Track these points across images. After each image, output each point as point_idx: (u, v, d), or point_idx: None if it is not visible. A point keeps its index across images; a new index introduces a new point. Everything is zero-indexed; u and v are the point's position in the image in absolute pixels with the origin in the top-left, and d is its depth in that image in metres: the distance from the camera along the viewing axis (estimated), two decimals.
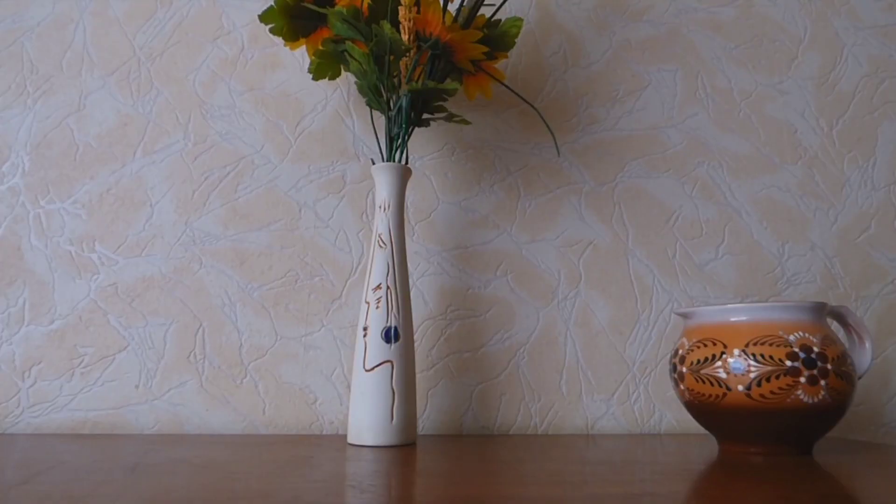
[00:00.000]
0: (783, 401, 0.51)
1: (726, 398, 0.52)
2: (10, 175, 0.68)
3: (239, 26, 0.73)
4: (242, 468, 0.45)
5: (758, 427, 0.52)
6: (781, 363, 0.51)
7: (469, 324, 0.71)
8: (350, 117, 0.73)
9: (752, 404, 0.51)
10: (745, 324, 0.53)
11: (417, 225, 0.72)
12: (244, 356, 0.67)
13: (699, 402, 0.54)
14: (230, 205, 0.70)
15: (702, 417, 0.55)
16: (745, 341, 0.52)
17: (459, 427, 0.69)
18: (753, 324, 0.53)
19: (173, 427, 0.65)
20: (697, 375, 0.53)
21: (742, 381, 0.51)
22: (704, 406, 0.53)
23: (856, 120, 0.80)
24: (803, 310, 0.53)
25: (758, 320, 0.53)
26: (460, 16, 0.63)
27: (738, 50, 0.80)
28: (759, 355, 0.51)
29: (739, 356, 0.52)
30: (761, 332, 0.52)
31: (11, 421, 0.64)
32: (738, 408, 0.52)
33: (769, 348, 0.51)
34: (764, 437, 0.53)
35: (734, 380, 0.51)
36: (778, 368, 0.51)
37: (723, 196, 0.77)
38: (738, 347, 0.52)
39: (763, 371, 0.51)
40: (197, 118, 0.71)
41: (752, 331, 0.52)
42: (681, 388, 0.55)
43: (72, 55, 0.71)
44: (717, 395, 0.52)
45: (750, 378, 0.51)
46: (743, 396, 0.51)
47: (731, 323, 0.53)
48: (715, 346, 0.53)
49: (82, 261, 0.67)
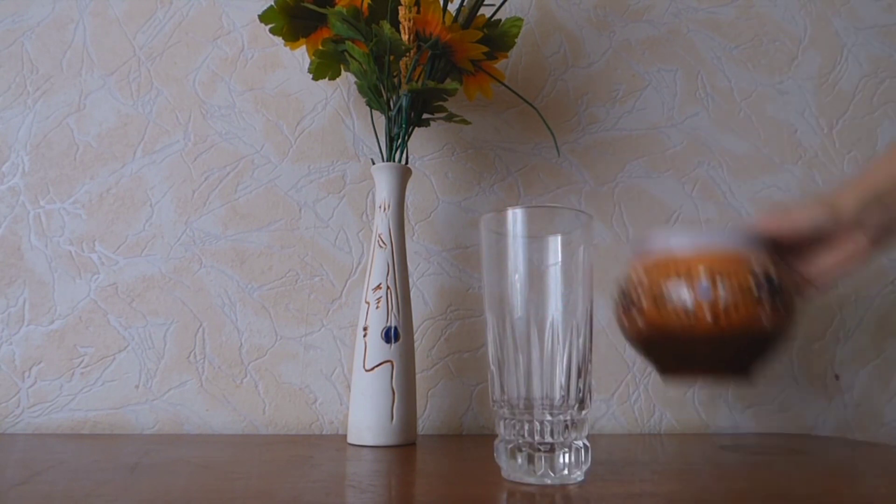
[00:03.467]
0: (748, 326, 0.50)
1: (693, 327, 0.50)
2: (10, 175, 0.68)
3: (239, 26, 0.73)
4: (242, 468, 0.45)
5: (720, 354, 0.52)
6: (748, 288, 0.50)
7: (469, 324, 0.71)
8: (350, 117, 0.73)
9: (717, 331, 0.49)
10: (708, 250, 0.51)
11: (417, 225, 0.72)
12: (244, 356, 0.67)
13: (660, 333, 0.51)
14: (230, 205, 0.70)
15: (657, 350, 0.52)
16: (712, 267, 0.50)
17: (459, 427, 0.69)
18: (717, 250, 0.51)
19: (173, 427, 0.65)
20: (662, 306, 0.50)
21: (712, 307, 0.50)
22: (665, 338, 0.51)
23: (856, 120, 0.80)
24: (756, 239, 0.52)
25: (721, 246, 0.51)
26: (460, 16, 0.63)
27: (738, 50, 0.80)
28: (727, 280, 0.51)
29: (709, 282, 0.51)
30: (726, 257, 0.51)
31: (11, 421, 0.64)
32: (705, 336, 0.50)
33: (736, 274, 0.51)
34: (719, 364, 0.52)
35: (703, 307, 0.50)
36: (744, 294, 0.50)
37: (723, 196, 0.77)
38: (707, 274, 0.50)
39: (731, 297, 0.49)
40: (197, 118, 0.71)
41: (717, 256, 0.51)
42: (636, 322, 0.52)
43: (72, 55, 0.71)
44: (683, 325, 0.50)
45: (719, 305, 0.49)
46: (711, 325, 0.49)
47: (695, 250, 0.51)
48: (682, 272, 0.50)
49: (82, 261, 0.67)
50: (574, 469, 0.39)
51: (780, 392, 0.74)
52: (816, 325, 0.76)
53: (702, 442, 0.64)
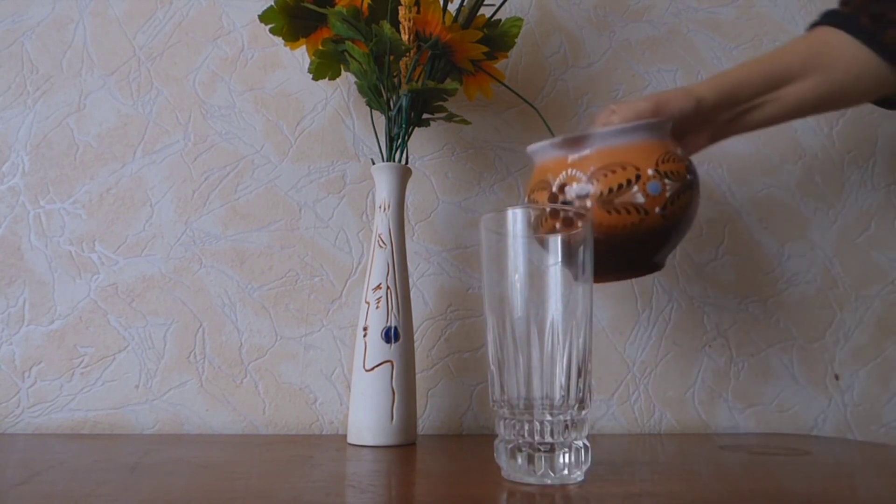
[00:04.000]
0: (685, 216, 0.50)
1: (643, 223, 0.49)
2: (10, 175, 0.68)
3: (239, 26, 0.73)
4: (242, 468, 0.45)
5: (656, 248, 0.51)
6: (684, 178, 0.50)
7: (469, 324, 0.71)
8: (350, 117, 0.73)
9: (665, 225, 0.49)
10: (647, 143, 0.50)
11: (417, 225, 0.72)
12: (244, 356, 0.67)
13: (608, 235, 0.49)
14: (230, 205, 0.70)
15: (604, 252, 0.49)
16: (654, 161, 0.49)
17: (459, 427, 0.69)
18: (654, 142, 0.50)
19: (173, 427, 0.65)
20: (610, 206, 0.49)
21: (659, 201, 0.49)
22: (614, 239, 0.49)
23: (856, 120, 0.80)
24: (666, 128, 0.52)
25: (654, 139, 0.50)
26: (460, 16, 0.63)
27: (738, 50, 0.80)
28: (669, 172, 0.49)
29: (654, 177, 0.49)
30: (662, 149, 0.50)
31: (11, 421, 0.64)
32: (653, 231, 0.49)
33: (673, 164, 0.49)
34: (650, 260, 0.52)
35: (652, 202, 0.49)
36: (683, 183, 0.50)
37: (723, 196, 0.77)
38: (651, 168, 0.49)
39: (675, 189, 0.49)
40: (197, 118, 0.71)
41: (655, 149, 0.50)
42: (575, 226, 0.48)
43: (72, 55, 0.71)
44: (633, 222, 0.49)
45: (666, 198, 0.49)
46: (660, 218, 0.49)
47: (636, 143, 0.50)
48: (626, 170, 0.49)
49: (82, 261, 0.67)
50: (574, 469, 0.39)
51: (780, 392, 0.74)
52: (816, 325, 0.76)
53: (702, 442, 0.64)
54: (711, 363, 0.73)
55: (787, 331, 0.75)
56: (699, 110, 0.53)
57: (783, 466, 0.49)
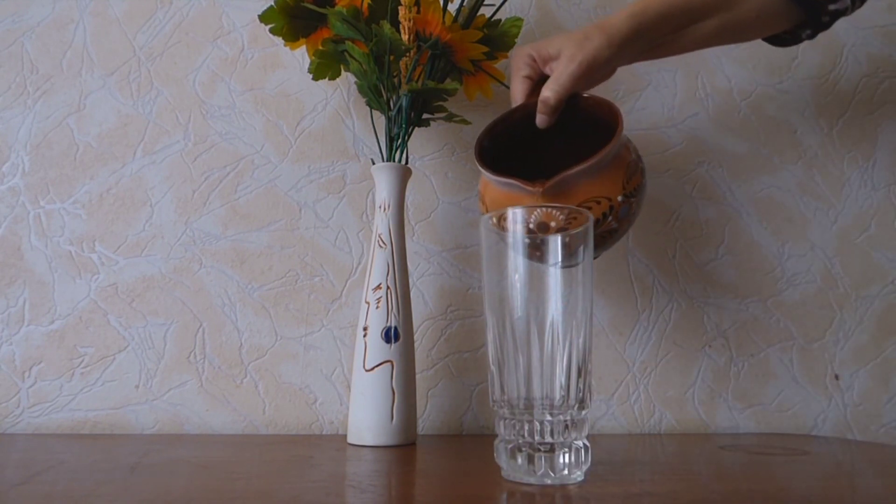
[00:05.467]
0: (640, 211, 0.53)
1: (611, 239, 0.52)
2: (10, 175, 0.68)
3: (239, 26, 0.73)
4: (242, 468, 0.45)
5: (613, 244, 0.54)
6: (642, 182, 0.52)
7: (469, 324, 0.71)
8: (350, 117, 0.73)
9: (625, 229, 0.52)
10: (612, 167, 0.50)
11: (417, 225, 0.72)
12: (244, 356, 0.67)
13: None
14: (230, 205, 0.70)
15: None
16: (621, 185, 0.50)
17: (459, 427, 0.69)
18: (617, 164, 0.51)
19: (173, 427, 0.65)
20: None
21: (627, 220, 0.52)
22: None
23: (856, 120, 0.80)
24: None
25: (617, 162, 0.51)
26: (460, 16, 0.63)
27: (738, 50, 0.80)
28: (634, 189, 0.51)
29: (623, 202, 0.50)
30: (623, 166, 0.51)
31: (11, 421, 0.64)
32: (615, 238, 0.52)
33: (635, 178, 0.51)
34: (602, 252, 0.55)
35: (622, 223, 0.51)
36: (643, 188, 0.52)
37: (723, 196, 0.77)
38: (620, 194, 0.50)
39: (639, 200, 0.52)
40: (197, 118, 0.71)
41: (619, 170, 0.50)
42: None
43: (72, 55, 0.71)
44: (603, 241, 0.52)
45: (632, 213, 0.52)
46: (625, 228, 0.52)
47: (604, 173, 0.50)
48: (600, 204, 0.50)
49: (82, 261, 0.67)
50: (574, 469, 0.39)
51: (780, 392, 0.74)
52: (816, 325, 0.76)
53: (702, 442, 0.64)
54: (711, 363, 0.73)
55: (787, 331, 0.75)
56: (620, 52, 0.54)
57: (783, 466, 0.49)
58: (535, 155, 0.59)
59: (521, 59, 0.57)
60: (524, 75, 0.57)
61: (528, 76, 0.57)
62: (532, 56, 0.56)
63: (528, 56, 0.56)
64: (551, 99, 0.53)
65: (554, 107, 0.54)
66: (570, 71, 0.53)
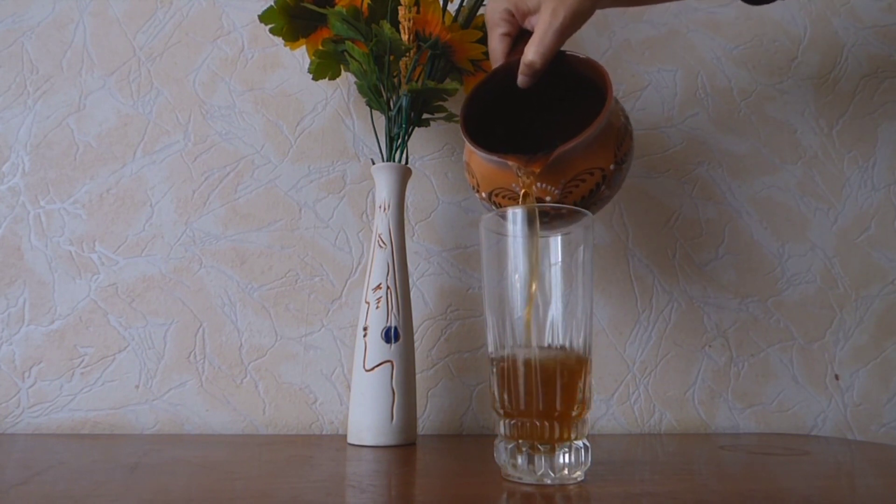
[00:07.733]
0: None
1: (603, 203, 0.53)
2: (10, 175, 0.68)
3: (239, 26, 0.73)
4: (242, 468, 0.45)
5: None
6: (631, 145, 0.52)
7: (469, 324, 0.71)
8: (350, 117, 0.73)
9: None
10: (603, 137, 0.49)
11: (417, 225, 0.72)
12: (244, 356, 0.67)
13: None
14: (230, 205, 0.70)
15: None
16: (612, 153, 0.50)
17: (459, 427, 0.69)
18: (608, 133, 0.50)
19: (173, 427, 0.65)
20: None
21: (619, 185, 0.51)
22: None
23: (856, 120, 0.80)
24: None
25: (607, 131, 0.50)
26: (460, 16, 0.63)
27: (738, 50, 0.80)
28: (625, 154, 0.51)
29: (615, 170, 0.50)
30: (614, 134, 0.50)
31: (11, 421, 0.64)
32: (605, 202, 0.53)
33: (625, 143, 0.51)
34: None
35: (614, 189, 0.51)
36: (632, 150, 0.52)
37: (723, 196, 0.77)
38: (612, 163, 0.49)
39: (629, 162, 0.51)
40: (197, 118, 0.71)
41: (610, 139, 0.50)
42: None
43: (72, 55, 0.71)
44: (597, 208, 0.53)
45: (623, 177, 0.51)
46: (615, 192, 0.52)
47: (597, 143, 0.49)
48: (593, 175, 0.49)
49: (82, 261, 0.67)
50: (574, 469, 0.39)
51: (780, 392, 0.74)
52: (816, 325, 0.76)
53: (702, 442, 0.64)
54: (711, 363, 0.73)
55: (787, 331, 0.75)
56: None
57: (783, 466, 0.49)
58: (518, 112, 0.57)
59: (498, 14, 0.53)
60: (502, 32, 0.53)
61: (506, 33, 0.53)
62: (509, 11, 0.52)
63: (506, 11, 0.52)
64: (537, 63, 0.50)
65: (540, 70, 0.50)
66: (554, 28, 0.49)
